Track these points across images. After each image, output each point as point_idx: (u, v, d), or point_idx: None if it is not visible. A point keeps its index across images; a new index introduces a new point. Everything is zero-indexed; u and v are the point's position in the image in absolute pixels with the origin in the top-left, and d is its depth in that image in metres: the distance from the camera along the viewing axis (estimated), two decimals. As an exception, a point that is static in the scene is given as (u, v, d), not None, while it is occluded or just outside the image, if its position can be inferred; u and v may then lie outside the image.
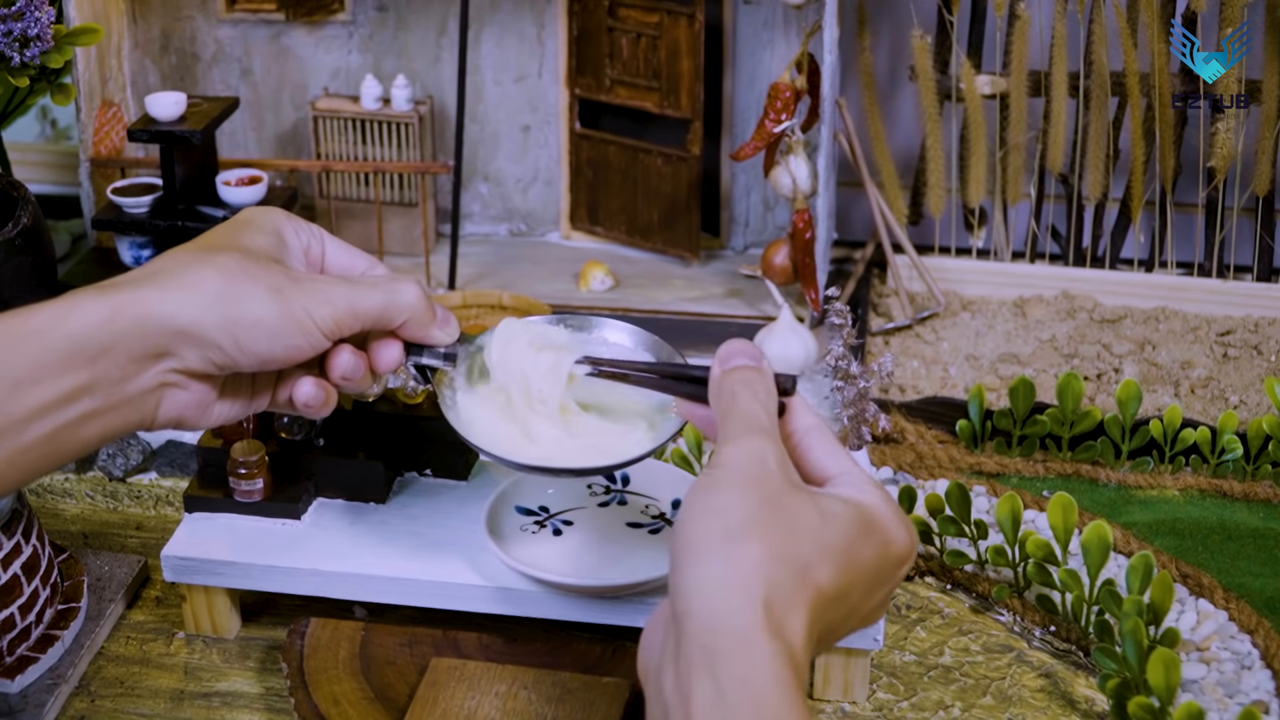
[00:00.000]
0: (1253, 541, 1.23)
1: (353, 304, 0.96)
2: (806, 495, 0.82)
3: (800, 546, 0.79)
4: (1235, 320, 1.53)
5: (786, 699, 0.74)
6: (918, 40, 1.53)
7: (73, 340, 0.88)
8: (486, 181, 1.69)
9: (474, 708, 1.03)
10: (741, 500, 0.80)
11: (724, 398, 0.87)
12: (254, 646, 1.15)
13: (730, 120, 1.63)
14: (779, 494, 0.81)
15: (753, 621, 0.76)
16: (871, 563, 0.83)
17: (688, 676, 0.76)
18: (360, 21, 1.64)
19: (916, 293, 1.59)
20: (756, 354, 0.90)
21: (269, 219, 0.98)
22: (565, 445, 1.03)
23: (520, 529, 1.12)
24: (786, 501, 0.81)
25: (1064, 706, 1.09)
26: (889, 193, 1.61)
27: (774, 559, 0.78)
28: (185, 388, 0.94)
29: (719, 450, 0.84)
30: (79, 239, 1.74)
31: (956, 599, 1.19)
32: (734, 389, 0.87)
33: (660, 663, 0.79)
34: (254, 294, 0.92)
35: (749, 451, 0.83)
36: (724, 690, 0.74)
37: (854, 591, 0.82)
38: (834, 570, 0.80)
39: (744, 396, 0.87)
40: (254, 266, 0.93)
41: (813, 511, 0.81)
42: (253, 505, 1.15)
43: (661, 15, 1.55)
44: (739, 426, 0.85)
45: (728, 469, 0.82)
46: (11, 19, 1.34)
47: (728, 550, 0.78)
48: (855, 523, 0.83)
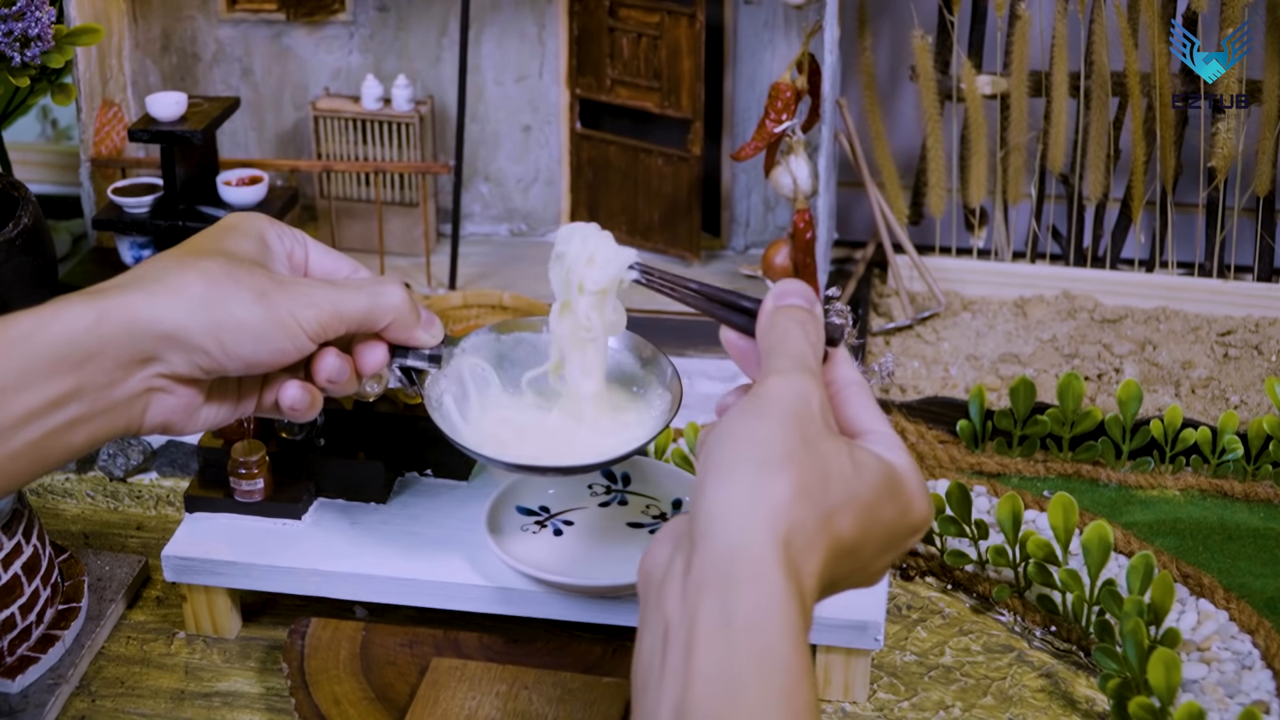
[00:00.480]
0: (1253, 542, 1.23)
1: (337, 306, 0.96)
2: (843, 443, 0.82)
3: (829, 492, 0.79)
4: (1236, 320, 1.53)
5: (791, 637, 0.74)
6: (918, 40, 1.53)
7: (58, 345, 0.88)
8: (487, 181, 1.69)
9: (475, 708, 1.03)
10: (781, 434, 0.79)
11: (774, 332, 0.87)
12: (254, 646, 1.15)
13: (731, 120, 1.63)
14: (817, 436, 0.80)
15: (771, 554, 0.75)
16: (889, 523, 0.83)
17: (696, 597, 0.75)
18: (361, 21, 1.64)
19: (917, 293, 1.59)
20: (811, 296, 0.89)
21: (252, 224, 0.98)
22: (553, 442, 1.03)
23: (521, 529, 1.12)
24: (823, 446, 0.80)
25: (1064, 707, 1.09)
26: (890, 193, 1.61)
27: (802, 498, 0.77)
28: (172, 392, 0.94)
29: (764, 380, 0.83)
30: (80, 239, 1.74)
31: (957, 599, 1.19)
32: (787, 325, 0.87)
33: (665, 577, 0.77)
34: (239, 297, 0.92)
35: (796, 388, 0.82)
36: (732, 616, 0.73)
37: (867, 547, 0.82)
38: (855, 522, 0.80)
39: (795, 334, 0.86)
40: (238, 270, 0.93)
41: (846, 460, 0.81)
42: (253, 505, 1.15)
43: (662, 15, 1.55)
44: (788, 362, 0.84)
45: (772, 400, 0.81)
46: (12, 19, 1.34)
47: (759, 479, 0.77)
48: (883, 480, 0.82)
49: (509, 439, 1.04)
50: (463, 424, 1.04)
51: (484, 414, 1.06)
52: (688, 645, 0.74)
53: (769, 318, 0.88)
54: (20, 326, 0.88)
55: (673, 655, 0.74)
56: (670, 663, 0.74)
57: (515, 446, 1.03)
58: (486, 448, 1.02)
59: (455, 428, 1.03)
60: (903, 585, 1.20)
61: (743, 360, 0.93)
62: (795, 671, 0.73)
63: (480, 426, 1.05)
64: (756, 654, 0.73)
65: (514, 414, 1.06)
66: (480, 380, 1.07)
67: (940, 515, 1.19)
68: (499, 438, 1.04)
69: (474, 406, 1.06)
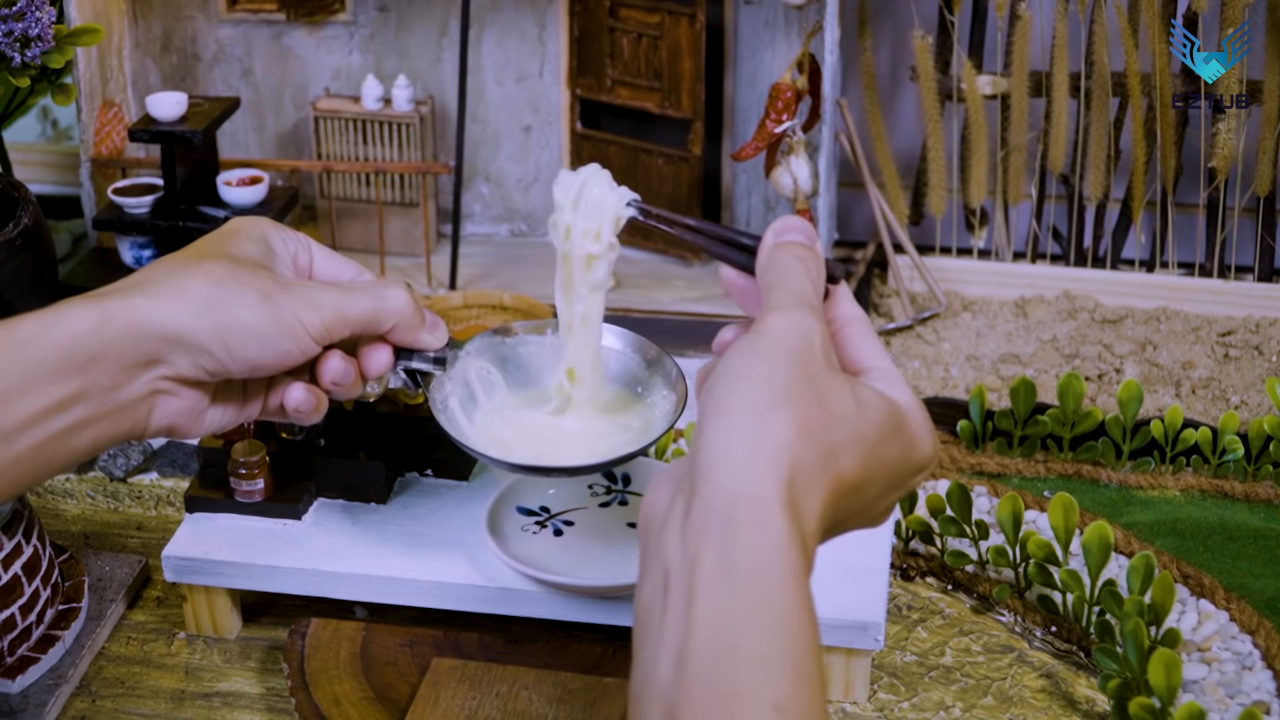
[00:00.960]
0: (1254, 542, 1.23)
1: (341, 308, 0.96)
2: (845, 380, 0.81)
3: (831, 430, 0.78)
4: (1236, 321, 1.53)
5: (793, 580, 0.73)
6: (919, 40, 1.53)
7: (62, 348, 0.88)
8: (487, 182, 1.69)
9: (475, 708, 1.03)
10: (782, 372, 0.78)
11: (775, 269, 0.85)
12: (255, 647, 1.15)
13: (731, 121, 1.63)
14: (819, 374, 0.79)
15: (774, 496, 0.74)
16: (893, 461, 0.82)
17: (698, 539, 0.74)
18: (361, 22, 1.64)
19: (917, 293, 1.59)
20: (811, 233, 0.88)
21: (256, 228, 0.98)
22: (558, 443, 1.03)
23: (521, 529, 1.12)
24: (825, 383, 0.79)
25: (1065, 707, 1.09)
26: (890, 193, 1.61)
27: (805, 437, 0.76)
28: (177, 395, 0.94)
29: (765, 318, 0.82)
30: (80, 239, 1.74)
31: (957, 599, 1.19)
32: (788, 262, 0.86)
33: (665, 521, 0.76)
34: (243, 299, 0.92)
35: (796, 325, 0.81)
36: (734, 561, 0.72)
37: (870, 486, 0.81)
38: (858, 459, 0.79)
39: (796, 271, 0.85)
40: (242, 272, 0.93)
41: (849, 398, 0.80)
42: (253, 505, 1.15)
43: (662, 15, 1.55)
44: (788, 299, 0.83)
45: (772, 338, 0.80)
46: (12, 19, 1.34)
47: (761, 419, 0.76)
48: (887, 418, 0.81)
49: (513, 440, 1.04)
50: (468, 425, 1.04)
51: (489, 416, 1.06)
52: (688, 591, 0.73)
53: (769, 254, 0.87)
54: (24, 329, 0.88)
55: (673, 601, 0.73)
56: (671, 609, 0.73)
57: (519, 447, 1.03)
58: (491, 449, 1.02)
59: (460, 429, 1.04)
60: (903, 585, 1.20)
61: (743, 298, 0.91)
62: (797, 615, 0.72)
63: (486, 428, 1.05)
64: (758, 598, 0.72)
65: (519, 415, 1.06)
66: (486, 383, 1.07)
67: (941, 516, 1.19)
68: (503, 439, 1.04)
69: (480, 409, 1.06)
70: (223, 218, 1.47)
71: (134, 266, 1.51)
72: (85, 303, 0.90)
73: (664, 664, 0.72)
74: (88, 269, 1.56)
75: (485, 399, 1.06)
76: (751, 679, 0.71)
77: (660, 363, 1.06)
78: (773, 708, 0.70)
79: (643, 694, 0.73)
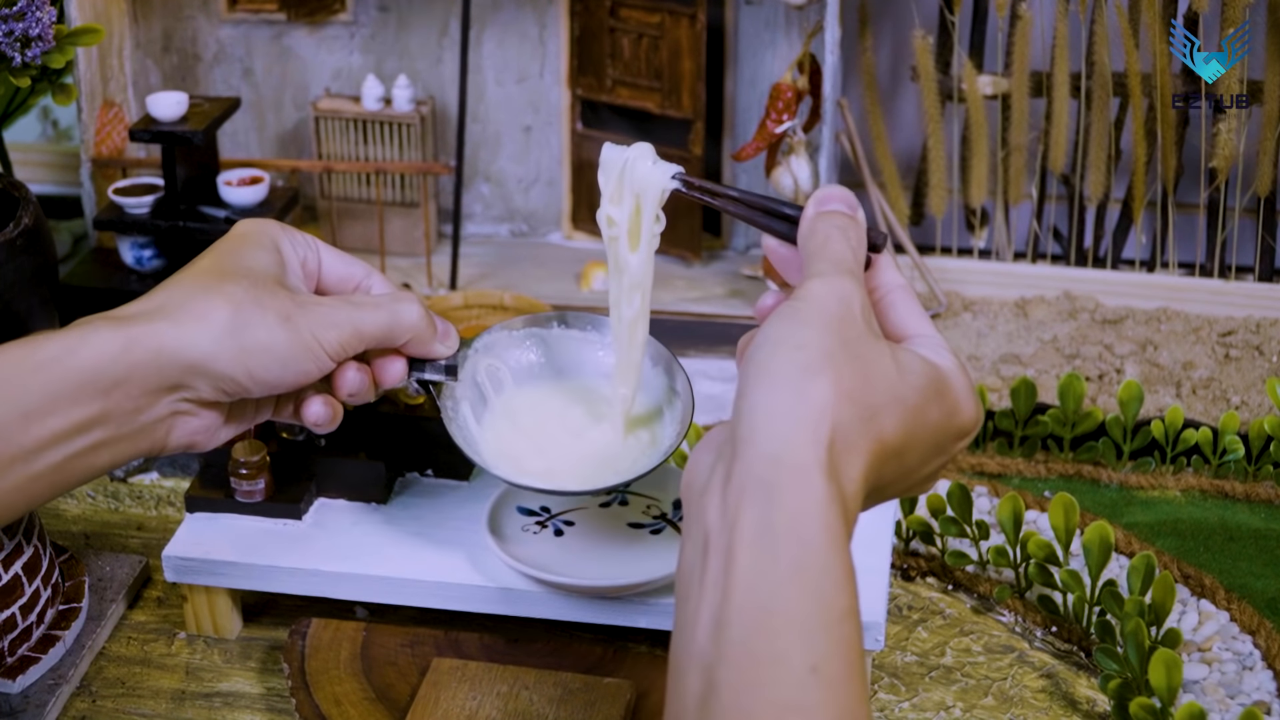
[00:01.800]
0: (1254, 542, 1.23)
1: (357, 326, 0.97)
2: (885, 345, 0.81)
3: (871, 393, 0.78)
4: (1237, 321, 1.53)
5: (833, 543, 0.73)
6: (919, 40, 1.53)
7: (85, 372, 0.89)
8: (488, 182, 1.69)
9: (475, 708, 1.03)
10: (822, 337, 0.78)
11: (816, 237, 0.86)
12: (255, 647, 1.15)
13: (732, 121, 1.63)
14: (859, 339, 0.79)
15: (814, 458, 0.74)
16: (936, 425, 0.82)
17: (738, 503, 0.74)
18: (362, 22, 1.64)
19: (918, 293, 1.58)
20: (854, 202, 0.89)
21: (266, 234, 0.98)
22: (567, 459, 1.04)
23: (522, 529, 1.12)
24: (865, 348, 0.79)
25: (1065, 707, 1.09)
26: (891, 193, 1.61)
27: (845, 400, 0.76)
28: (196, 415, 0.95)
29: (805, 284, 0.82)
30: (80, 239, 1.74)
31: (958, 599, 1.19)
32: (828, 231, 0.86)
33: (706, 486, 0.77)
34: (264, 322, 0.93)
35: (837, 291, 0.81)
36: (773, 522, 0.73)
37: (912, 450, 0.81)
38: (899, 423, 0.79)
39: (837, 239, 0.85)
40: (262, 294, 0.94)
41: (889, 362, 0.80)
42: (254, 505, 1.15)
43: (663, 15, 1.55)
44: (829, 266, 0.83)
45: (812, 304, 0.80)
46: (13, 19, 1.34)
47: (802, 383, 0.76)
48: (928, 382, 0.81)
49: (523, 452, 1.05)
50: (478, 433, 1.05)
51: (498, 419, 1.07)
52: (727, 553, 0.73)
53: (810, 224, 0.87)
54: (47, 350, 0.89)
55: (713, 564, 0.74)
56: (710, 571, 0.74)
57: (530, 460, 1.04)
58: (502, 466, 1.04)
59: (471, 439, 1.05)
60: (903, 586, 1.20)
61: (785, 267, 0.92)
62: (835, 578, 0.72)
63: (496, 436, 1.06)
64: (796, 561, 0.72)
65: (529, 420, 1.07)
66: (495, 380, 1.07)
67: (941, 516, 1.19)
68: (513, 453, 1.05)
69: (489, 409, 1.07)
70: (223, 218, 1.47)
71: (134, 266, 1.51)
72: (109, 326, 0.90)
73: (702, 626, 0.73)
74: (88, 269, 1.56)
75: (494, 396, 1.07)
76: (789, 641, 0.71)
77: (673, 374, 1.07)
78: (809, 669, 0.70)
79: (681, 658, 0.74)
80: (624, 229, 0.99)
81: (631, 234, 0.99)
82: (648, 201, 0.98)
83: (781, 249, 0.91)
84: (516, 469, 1.04)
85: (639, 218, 0.98)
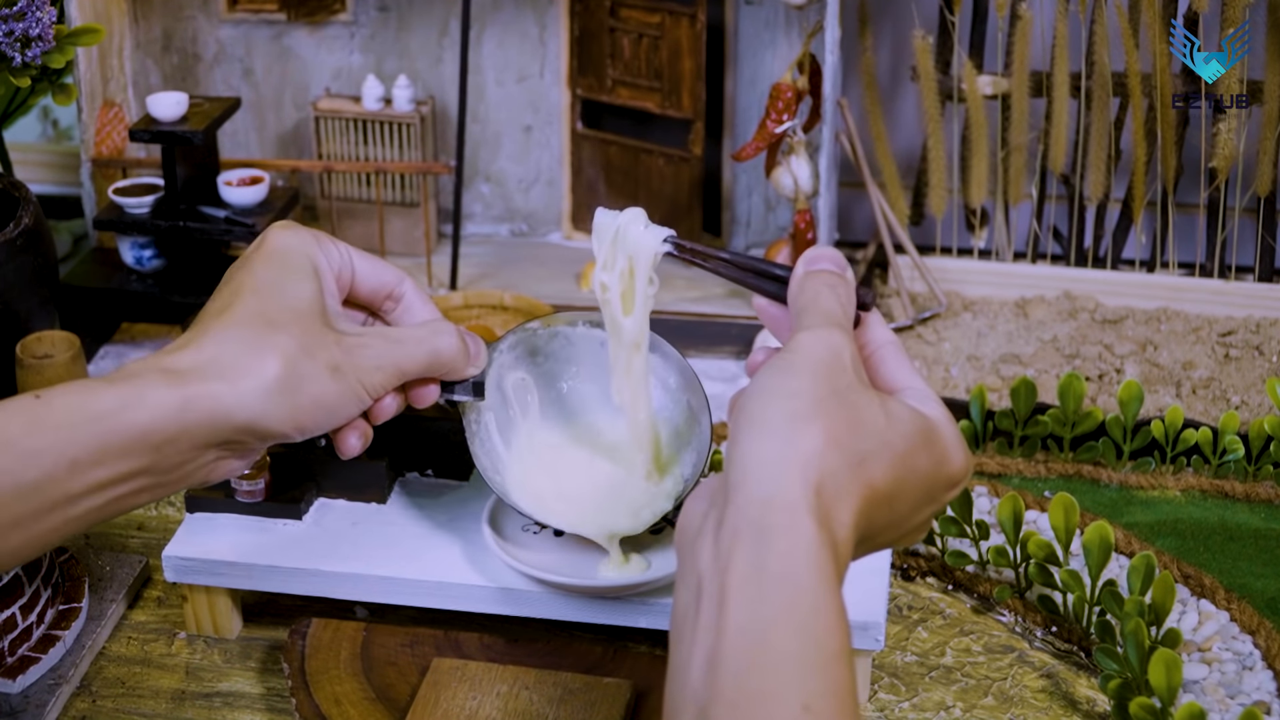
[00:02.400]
0: (1254, 542, 1.23)
1: (400, 367, 0.99)
2: (874, 394, 0.83)
3: (860, 440, 0.80)
4: (1237, 321, 1.53)
5: (824, 585, 0.74)
6: (919, 40, 1.53)
7: (138, 428, 0.89)
8: (488, 182, 1.69)
9: (475, 708, 1.03)
10: (811, 385, 0.80)
11: (805, 294, 0.88)
12: (255, 647, 1.15)
13: (732, 121, 1.63)
14: (849, 388, 0.81)
15: (804, 502, 0.76)
16: (925, 473, 0.83)
17: (730, 548, 0.75)
18: (362, 22, 1.64)
19: (918, 293, 1.59)
20: (843, 262, 0.91)
21: (303, 253, 0.98)
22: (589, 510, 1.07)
23: (522, 529, 1.12)
24: (854, 396, 0.81)
25: (1065, 707, 1.09)
26: (890, 193, 1.61)
27: (833, 446, 0.78)
28: (237, 459, 0.96)
29: (795, 336, 0.84)
30: (80, 239, 1.74)
31: (958, 599, 1.19)
32: (817, 288, 0.88)
33: (699, 532, 0.78)
34: (315, 376, 0.94)
35: (826, 342, 0.83)
36: (765, 563, 0.74)
37: (903, 498, 0.82)
38: (889, 470, 0.81)
39: (826, 295, 0.88)
40: (311, 343, 0.94)
41: (878, 410, 0.82)
42: (254, 505, 1.15)
43: (663, 15, 1.55)
44: (818, 319, 0.86)
45: (802, 354, 0.82)
46: (13, 19, 1.34)
47: (791, 430, 0.78)
48: (917, 430, 0.83)
49: (547, 493, 1.09)
50: (505, 454, 1.10)
51: (523, 454, 1.10)
52: (720, 595, 0.74)
53: (799, 282, 0.90)
54: (102, 403, 0.89)
55: (706, 607, 0.75)
56: (703, 614, 0.75)
57: (553, 503, 1.08)
58: (524, 502, 1.07)
59: (497, 460, 1.09)
60: (903, 586, 1.20)
61: (776, 326, 0.94)
62: (828, 618, 0.74)
63: (521, 468, 1.10)
64: (788, 601, 0.73)
65: (554, 455, 1.11)
66: (521, 398, 1.11)
67: (941, 515, 1.19)
68: (539, 492, 1.09)
69: (516, 432, 1.10)
70: (222, 218, 1.47)
71: (134, 266, 1.51)
72: (165, 384, 0.90)
73: (696, 666, 0.74)
74: (88, 269, 1.56)
75: (521, 418, 1.11)
76: (781, 679, 0.72)
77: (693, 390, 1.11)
78: (802, 708, 0.71)
79: (676, 699, 0.75)
80: (617, 292, 1.02)
81: (625, 297, 1.02)
82: (640, 265, 1.01)
83: (772, 309, 0.94)
84: (539, 508, 1.08)
85: (632, 280, 1.01)
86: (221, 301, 0.95)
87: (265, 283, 0.96)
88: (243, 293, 0.95)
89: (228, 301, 0.95)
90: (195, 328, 0.94)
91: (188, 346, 0.93)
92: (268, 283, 0.96)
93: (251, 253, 0.98)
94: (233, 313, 0.94)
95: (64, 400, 0.89)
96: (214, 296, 0.97)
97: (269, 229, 0.99)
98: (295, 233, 0.99)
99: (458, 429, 1.09)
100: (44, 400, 0.88)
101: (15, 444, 0.87)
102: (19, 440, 0.87)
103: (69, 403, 0.89)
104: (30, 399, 0.89)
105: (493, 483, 1.07)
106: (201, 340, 0.93)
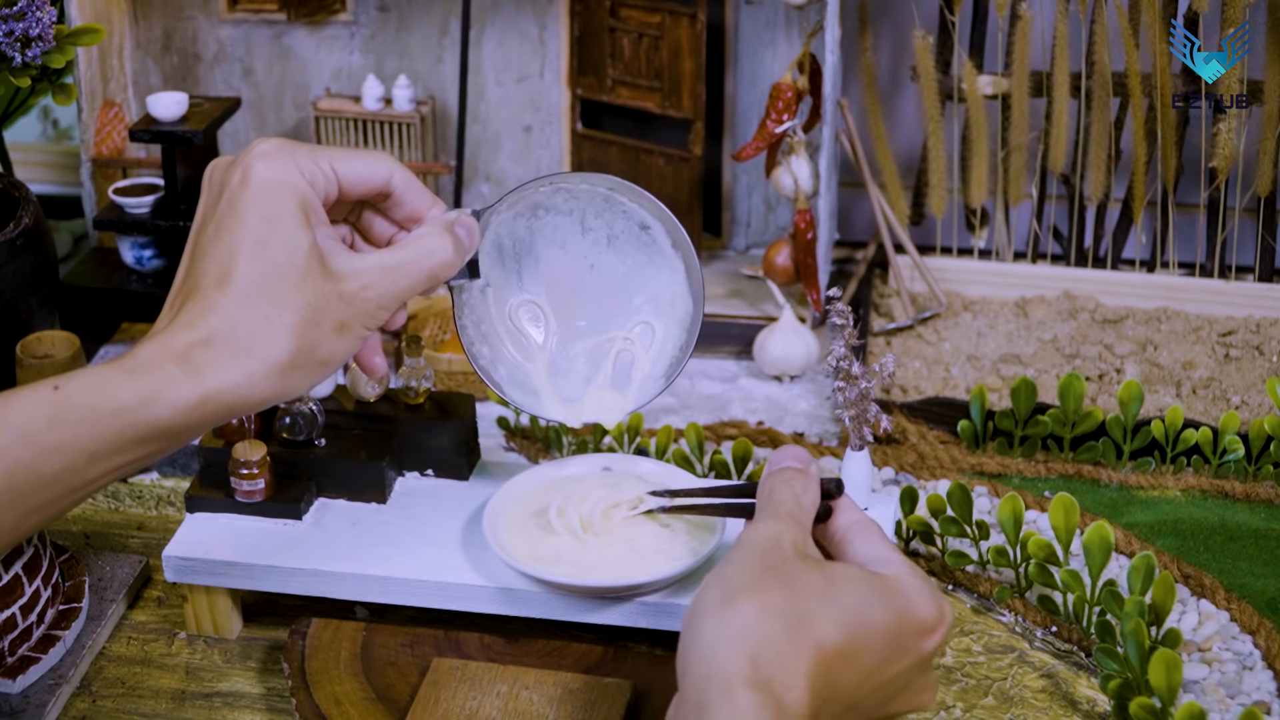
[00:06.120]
0: (1254, 542, 1.23)
1: (400, 296, 0.98)
2: (814, 563, 0.86)
3: (797, 602, 0.82)
4: (1237, 321, 1.53)
5: None
6: (919, 40, 1.53)
7: (159, 422, 0.90)
8: (488, 181, 1.69)
9: (475, 708, 1.03)
10: (743, 569, 0.84)
11: (763, 493, 0.93)
12: (255, 647, 1.15)
13: (732, 120, 1.63)
14: (785, 562, 0.85)
15: (737, 673, 0.79)
16: (885, 627, 0.85)
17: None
18: (362, 22, 1.64)
19: (918, 293, 1.59)
20: (805, 458, 0.95)
21: (290, 191, 0.94)
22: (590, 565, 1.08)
23: (522, 528, 1.12)
24: (789, 569, 0.85)
25: (1065, 707, 1.09)
26: (891, 193, 1.61)
27: (766, 615, 0.81)
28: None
29: (741, 534, 0.89)
30: (80, 239, 1.74)
31: (958, 599, 1.19)
32: (774, 484, 0.93)
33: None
34: (324, 341, 0.95)
35: (765, 532, 0.88)
36: None
37: (865, 652, 0.84)
38: (837, 627, 0.83)
39: (780, 490, 0.92)
40: (317, 307, 0.94)
41: (816, 575, 0.85)
42: (254, 505, 1.15)
43: (663, 15, 1.55)
44: (764, 513, 0.90)
45: (740, 546, 0.87)
46: (13, 19, 1.34)
47: (723, 610, 0.82)
48: (867, 587, 0.85)
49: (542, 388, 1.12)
50: (495, 316, 1.12)
51: (515, 308, 1.12)
52: None
53: (762, 484, 0.94)
54: (120, 399, 0.90)
55: None
56: None
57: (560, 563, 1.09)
58: (506, 381, 1.11)
59: (482, 324, 1.11)
60: (904, 586, 1.20)
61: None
62: None
63: (508, 329, 1.12)
64: None
65: (541, 319, 1.14)
66: (518, 260, 1.12)
67: (941, 516, 1.19)
68: (532, 386, 1.12)
69: (511, 293, 1.12)
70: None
71: (134, 266, 1.51)
72: (183, 376, 0.90)
73: None
74: (88, 269, 1.56)
75: (516, 281, 1.12)
76: None
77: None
78: None
79: None
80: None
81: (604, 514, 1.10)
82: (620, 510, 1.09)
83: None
84: (535, 402, 1.11)
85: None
86: (218, 264, 0.93)
87: (259, 239, 0.93)
88: (238, 254, 0.93)
89: (225, 265, 0.93)
90: (196, 295, 0.93)
91: (195, 323, 0.92)
92: (261, 238, 0.93)
93: (237, 188, 0.94)
94: (233, 282, 0.93)
95: (83, 395, 0.89)
96: (203, 242, 0.94)
97: (251, 160, 0.95)
98: (278, 163, 0.95)
99: (458, 429, 1.09)
100: (63, 392, 0.89)
101: (37, 440, 0.88)
102: (40, 436, 0.88)
103: (87, 398, 0.89)
104: (48, 390, 0.89)
105: (480, 355, 1.09)
106: (207, 315, 0.92)
